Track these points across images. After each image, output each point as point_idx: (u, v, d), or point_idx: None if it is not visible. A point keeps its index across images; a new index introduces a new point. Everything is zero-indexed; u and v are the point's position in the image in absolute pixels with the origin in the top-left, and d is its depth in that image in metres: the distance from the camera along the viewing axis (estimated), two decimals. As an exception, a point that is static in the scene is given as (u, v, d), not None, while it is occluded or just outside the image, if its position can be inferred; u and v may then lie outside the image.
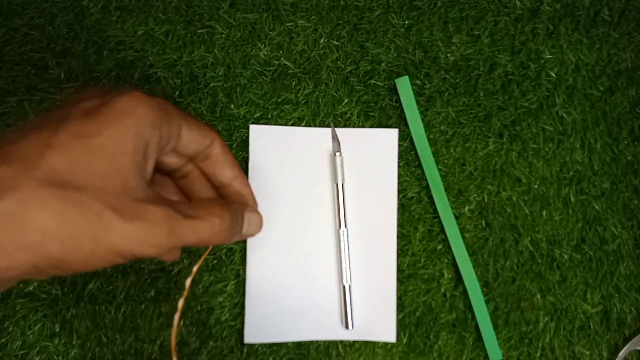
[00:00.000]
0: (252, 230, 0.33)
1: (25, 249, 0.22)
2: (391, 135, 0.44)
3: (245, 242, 0.43)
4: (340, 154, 0.43)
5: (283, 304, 0.43)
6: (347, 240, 0.43)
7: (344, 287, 0.42)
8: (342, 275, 0.42)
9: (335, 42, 0.44)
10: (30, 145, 0.23)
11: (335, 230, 0.43)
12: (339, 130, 0.44)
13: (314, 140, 0.44)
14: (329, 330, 0.43)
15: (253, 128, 0.43)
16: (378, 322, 0.43)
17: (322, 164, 0.44)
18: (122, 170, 0.24)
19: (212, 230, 0.28)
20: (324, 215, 0.43)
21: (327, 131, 0.44)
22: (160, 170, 0.32)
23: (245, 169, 0.43)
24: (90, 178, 0.23)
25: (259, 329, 0.42)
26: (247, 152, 0.43)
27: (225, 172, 0.32)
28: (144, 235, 0.24)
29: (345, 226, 0.43)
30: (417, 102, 0.44)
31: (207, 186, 0.33)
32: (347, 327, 0.42)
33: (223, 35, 0.44)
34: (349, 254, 0.42)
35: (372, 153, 0.44)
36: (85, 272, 0.28)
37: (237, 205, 0.31)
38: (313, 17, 0.44)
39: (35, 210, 0.22)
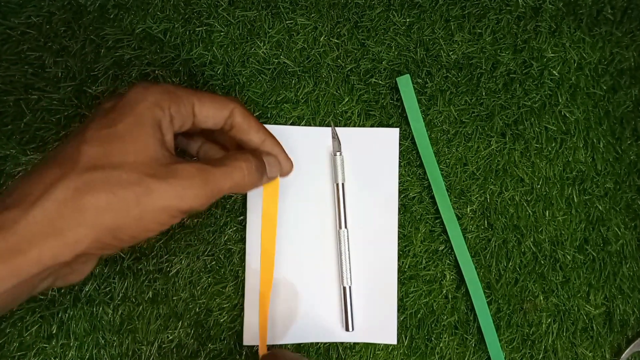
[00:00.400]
0: (274, 173, 0.36)
1: (84, 225, 0.26)
2: (392, 134, 0.43)
3: (244, 242, 0.43)
4: (340, 154, 0.42)
5: (282, 305, 0.42)
6: (348, 241, 0.42)
7: (344, 288, 0.42)
8: (342, 277, 0.42)
9: (336, 40, 0.44)
10: (68, 146, 0.28)
11: (335, 231, 0.43)
12: (339, 130, 0.43)
13: (313, 139, 0.43)
14: (329, 332, 0.42)
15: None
16: (379, 324, 0.42)
17: (322, 164, 0.43)
18: (147, 146, 0.28)
19: (242, 174, 0.31)
20: (324, 215, 0.43)
21: (327, 130, 0.43)
22: (206, 131, 0.35)
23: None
24: (122, 157, 0.28)
25: (258, 331, 0.42)
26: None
27: (252, 137, 0.34)
28: (182, 189, 0.28)
29: (346, 227, 0.42)
30: (419, 101, 0.44)
31: (250, 142, 0.35)
32: (347, 329, 0.42)
33: (222, 33, 0.44)
34: (349, 255, 0.42)
35: (373, 153, 0.43)
36: (147, 239, 0.32)
37: (260, 153, 0.34)
38: (313, 15, 0.44)
39: (84, 192, 0.26)
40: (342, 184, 0.42)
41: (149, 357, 0.42)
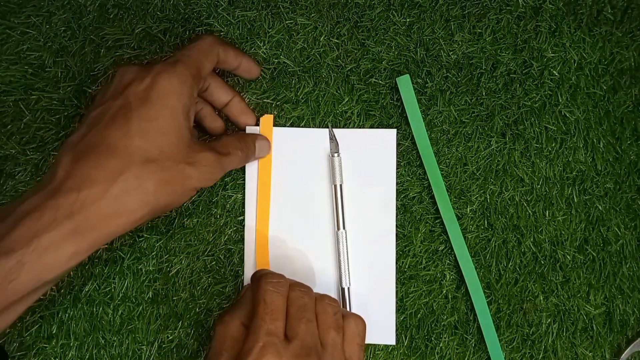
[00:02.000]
0: (263, 154, 0.43)
1: (146, 206, 0.33)
2: (389, 135, 0.43)
3: (242, 243, 0.43)
4: (338, 155, 0.42)
5: None
6: (346, 242, 0.42)
7: (342, 289, 0.42)
8: (341, 278, 0.42)
9: (336, 40, 0.44)
10: (117, 136, 0.33)
11: (333, 232, 0.43)
12: (337, 131, 0.43)
13: (312, 140, 0.43)
14: None
15: (249, 129, 0.43)
16: (378, 324, 0.42)
17: (320, 165, 0.43)
18: (182, 138, 0.35)
19: (239, 160, 0.40)
20: (322, 216, 0.43)
21: (325, 132, 0.43)
22: None
23: (243, 170, 0.43)
24: (167, 148, 0.34)
25: None
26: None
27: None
28: (209, 174, 0.36)
29: (344, 228, 0.42)
30: (419, 101, 0.44)
31: (220, 99, 0.42)
32: None
33: (222, 33, 0.44)
34: (347, 256, 0.42)
35: (371, 153, 0.43)
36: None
37: (250, 137, 0.42)
38: (313, 15, 0.44)
39: (147, 181, 0.33)
40: (340, 185, 0.42)
41: (149, 357, 0.42)
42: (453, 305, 0.43)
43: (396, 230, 0.43)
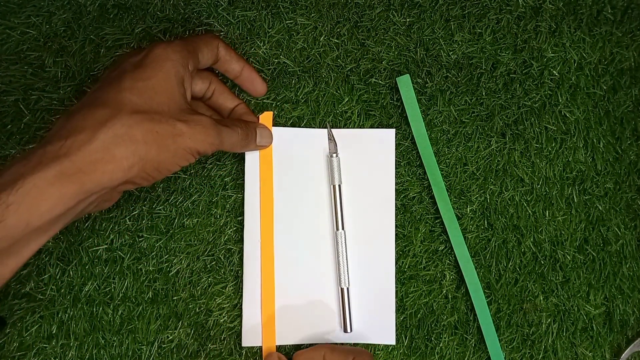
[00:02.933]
0: (264, 142, 0.42)
1: (136, 155, 0.32)
2: (388, 135, 0.43)
3: (242, 242, 0.43)
4: (336, 155, 0.42)
5: (281, 307, 0.42)
6: (345, 243, 0.42)
7: (342, 290, 0.42)
8: (340, 278, 0.42)
9: (336, 40, 0.44)
10: (109, 93, 0.33)
11: (332, 233, 0.43)
12: (335, 131, 0.43)
13: (311, 140, 0.43)
14: (328, 333, 0.42)
15: None
16: (377, 325, 0.42)
17: (319, 165, 0.43)
18: (175, 98, 0.35)
19: (237, 137, 0.38)
20: (321, 217, 0.43)
21: (324, 132, 0.43)
22: (195, 97, 0.41)
23: (243, 170, 0.43)
24: (157, 106, 0.34)
25: (257, 332, 0.42)
26: (244, 154, 0.43)
27: (234, 66, 0.41)
28: (204, 135, 0.35)
29: (343, 228, 0.42)
30: (419, 100, 0.44)
31: (225, 105, 0.42)
32: (345, 330, 0.42)
33: (222, 33, 0.44)
34: (346, 257, 0.42)
35: (370, 154, 0.43)
36: (173, 173, 0.38)
37: (251, 123, 0.41)
38: (313, 15, 0.44)
39: (135, 129, 0.32)
40: (339, 186, 0.42)
41: (149, 357, 0.42)
42: (453, 305, 0.43)
43: (396, 230, 0.43)
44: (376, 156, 0.43)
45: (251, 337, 0.42)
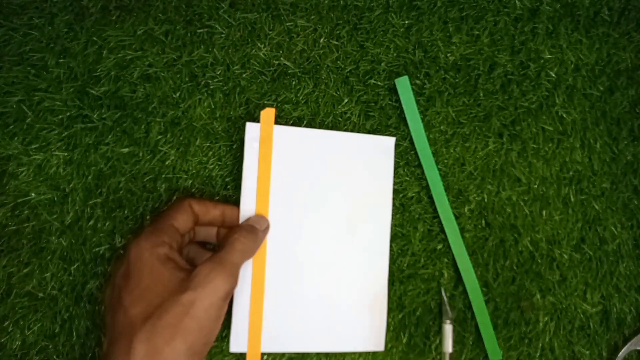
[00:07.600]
0: (264, 225, 0.41)
1: (183, 356, 0.33)
2: (388, 143, 0.43)
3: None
4: (450, 322, 0.42)
5: (270, 313, 0.41)
6: (340, 249, 0.42)
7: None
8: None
9: (335, 42, 0.44)
10: (118, 318, 0.35)
11: (327, 238, 0.42)
12: (335, 134, 0.43)
13: (310, 141, 0.43)
14: (318, 341, 0.42)
15: (250, 126, 0.42)
16: (367, 331, 0.42)
17: (318, 166, 0.43)
18: (170, 280, 0.35)
19: (243, 246, 0.38)
20: (315, 221, 0.42)
21: (323, 132, 0.43)
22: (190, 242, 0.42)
23: (240, 170, 0.43)
24: (161, 298, 0.34)
25: (245, 338, 0.41)
26: (243, 153, 0.43)
27: (213, 213, 0.41)
28: (211, 284, 0.34)
29: (338, 234, 0.42)
30: (417, 101, 0.44)
31: (214, 214, 0.41)
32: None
33: (223, 35, 0.44)
34: (340, 263, 0.42)
35: (369, 159, 0.43)
36: (217, 335, 0.37)
37: (243, 225, 0.40)
38: (313, 17, 0.44)
39: (157, 337, 0.33)
40: (450, 354, 0.42)
41: (151, 355, 0.42)
42: (451, 304, 0.44)
43: (395, 229, 0.44)
44: (375, 162, 0.43)
45: (240, 342, 0.41)
